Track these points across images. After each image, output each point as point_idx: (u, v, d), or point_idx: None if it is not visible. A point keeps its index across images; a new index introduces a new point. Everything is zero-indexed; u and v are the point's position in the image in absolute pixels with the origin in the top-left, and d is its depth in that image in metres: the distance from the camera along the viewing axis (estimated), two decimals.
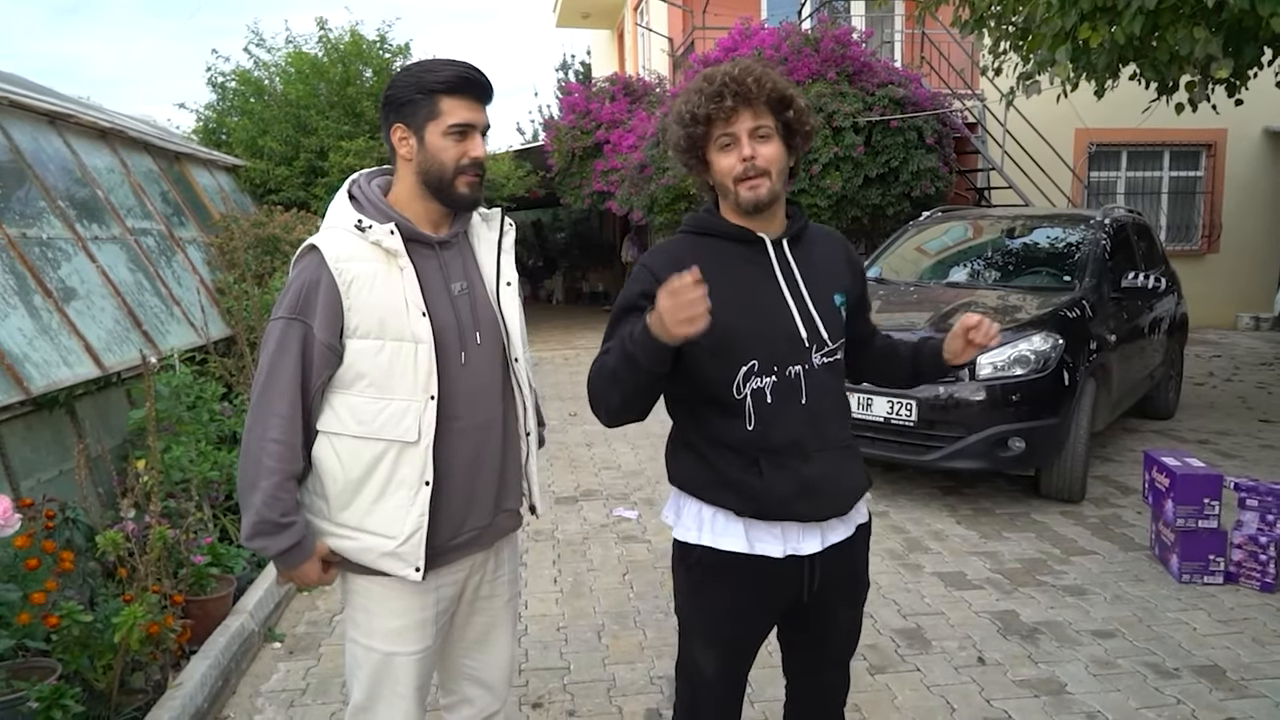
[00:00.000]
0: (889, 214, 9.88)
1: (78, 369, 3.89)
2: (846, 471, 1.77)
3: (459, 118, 1.68)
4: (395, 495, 1.70)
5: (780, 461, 1.69)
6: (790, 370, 1.71)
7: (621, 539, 4.47)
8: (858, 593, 1.91)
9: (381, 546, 1.72)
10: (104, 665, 2.73)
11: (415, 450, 1.69)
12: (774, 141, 1.70)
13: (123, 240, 5.24)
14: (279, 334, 1.67)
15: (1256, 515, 3.75)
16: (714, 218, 1.79)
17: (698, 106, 1.68)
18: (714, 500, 1.74)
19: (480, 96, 1.71)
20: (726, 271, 1.71)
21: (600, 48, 20.60)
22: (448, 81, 1.67)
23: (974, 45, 9.74)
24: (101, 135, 5.87)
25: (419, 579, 1.73)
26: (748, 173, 1.68)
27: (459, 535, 1.79)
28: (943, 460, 4.69)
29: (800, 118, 1.71)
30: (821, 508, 1.72)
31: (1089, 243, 5.74)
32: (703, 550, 1.76)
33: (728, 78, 1.66)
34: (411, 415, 1.68)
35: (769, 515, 1.70)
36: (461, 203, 1.74)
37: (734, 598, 1.76)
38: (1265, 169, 12.69)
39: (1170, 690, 2.97)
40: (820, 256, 1.83)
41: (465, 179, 1.70)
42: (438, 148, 1.68)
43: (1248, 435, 6.40)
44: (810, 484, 1.70)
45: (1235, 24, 5.19)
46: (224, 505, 4.03)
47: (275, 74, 10.75)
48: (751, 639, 1.83)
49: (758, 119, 1.67)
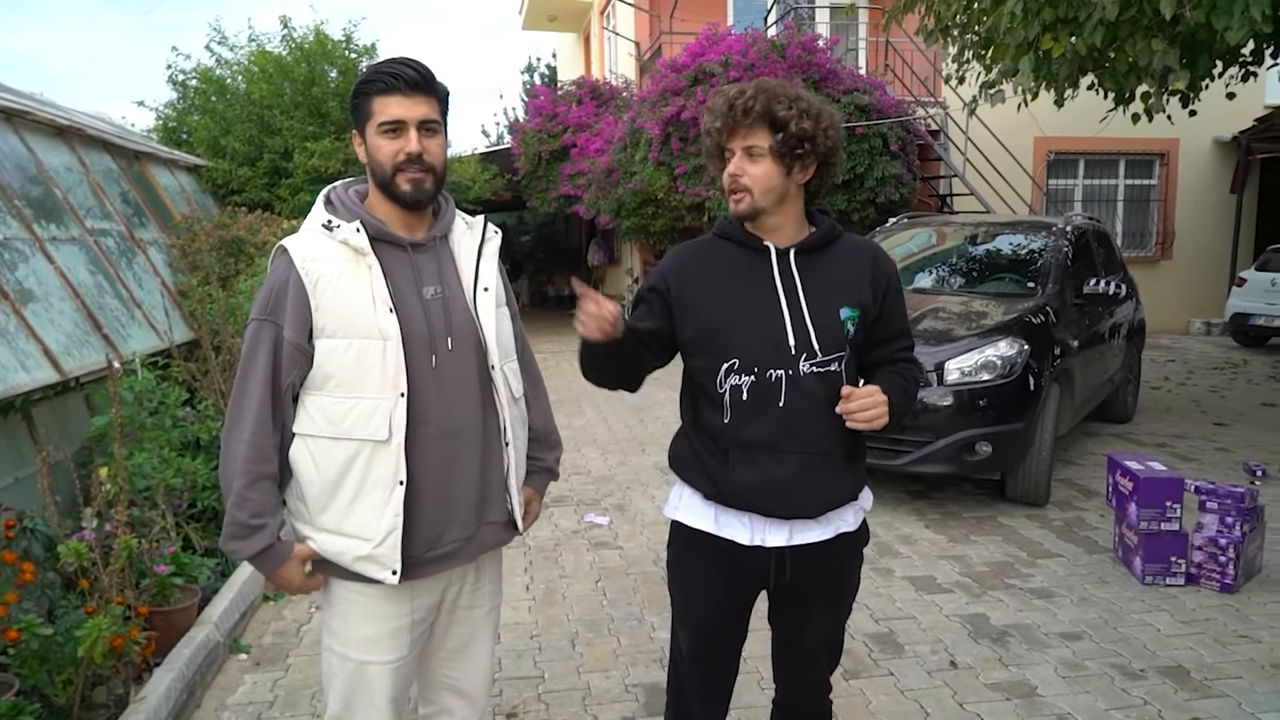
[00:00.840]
0: (854, 220, 9.98)
1: (35, 374, 3.78)
2: (821, 478, 1.81)
3: (388, 114, 1.68)
4: (370, 496, 1.69)
5: (748, 456, 1.79)
6: (771, 374, 1.77)
7: (593, 545, 4.46)
8: (839, 597, 1.96)
9: (358, 549, 1.71)
10: (64, 680, 2.66)
11: (387, 449, 1.68)
12: (764, 161, 1.76)
13: (82, 241, 5.11)
14: (251, 335, 1.70)
15: (1216, 518, 3.84)
16: (734, 225, 1.88)
17: (708, 121, 1.81)
18: (689, 480, 1.89)
19: (413, 91, 1.68)
20: (728, 274, 1.84)
21: (566, 51, 20.57)
22: (377, 81, 1.69)
23: (938, 54, 9.90)
24: (59, 133, 5.72)
25: (395, 582, 1.71)
26: (732, 187, 1.80)
27: (439, 546, 1.77)
28: (911, 465, 4.75)
29: (797, 137, 1.74)
30: (785, 506, 1.79)
31: (1051, 249, 5.85)
32: (678, 526, 1.93)
33: (727, 99, 1.77)
34: (381, 413, 1.67)
35: (730, 503, 1.82)
36: (405, 200, 1.72)
37: (701, 574, 1.90)
38: (1215, 178, 13.06)
39: (1137, 691, 3.03)
40: (839, 269, 1.86)
41: (405, 175, 1.69)
42: (375, 146, 1.70)
43: (1203, 438, 6.57)
44: (775, 482, 1.78)
45: (1190, 36, 5.34)
46: (187, 514, 3.94)
47: (238, 73, 10.56)
48: (721, 621, 1.93)
49: (747, 139, 1.76)
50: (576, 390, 8.52)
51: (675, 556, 1.97)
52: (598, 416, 7.36)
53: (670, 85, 10.13)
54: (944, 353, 4.75)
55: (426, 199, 1.74)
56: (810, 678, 2.01)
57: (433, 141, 1.71)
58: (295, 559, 1.73)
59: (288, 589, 1.76)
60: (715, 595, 1.90)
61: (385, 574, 1.70)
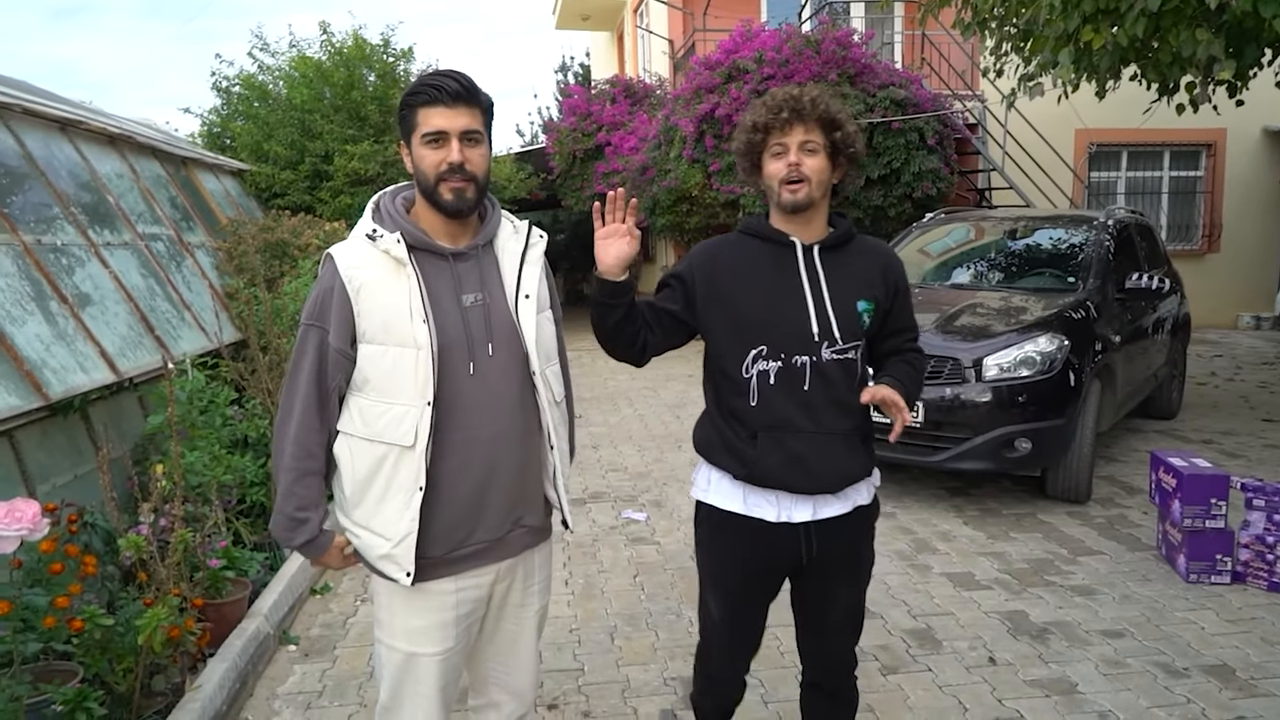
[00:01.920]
0: (890, 215, 9.91)
1: (94, 374, 3.92)
2: (839, 456, 1.97)
3: (431, 125, 1.73)
4: (395, 498, 1.75)
5: (775, 436, 1.94)
6: (796, 360, 1.94)
7: (631, 541, 4.50)
8: (858, 571, 2.11)
9: (380, 547, 1.78)
10: (125, 668, 2.76)
11: (412, 455, 1.73)
12: (820, 156, 1.93)
13: (134, 246, 5.27)
14: (300, 338, 1.78)
15: (1263, 515, 3.78)
16: (760, 222, 2.04)
17: (760, 117, 1.95)
18: (718, 463, 2.02)
19: (455, 102, 1.73)
20: (756, 267, 1.98)
21: (600, 50, 20.64)
22: (421, 94, 1.74)
23: (975, 47, 9.79)
24: (110, 141, 5.90)
25: (408, 584, 1.76)
26: (790, 176, 1.92)
27: (465, 545, 1.81)
28: (949, 461, 4.72)
29: (847, 139, 1.94)
30: (808, 482, 1.94)
31: (1092, 244, 5.78)
32: (709, 508, 2.05)
33: (788, 96, 1.93)
34: (410, 420, 1.72)
35: (759, 482, 1.96)
36: (447, 208, 1.76)
37: (733, 551, 2.04)
38: (1264, 168, 12.73)
39: (1180, 690, 3.00)
40: (858, 265, 2.02)
41: (447, 185, 1.73)
42: (419, 157, 1.74)
43: (1251, 435, 6.43)
44: (799, 459, 1.93)
45: (1237, 25, 5.23)
46: (236, 509, 4.06)
47: (279, 78, 10.78)
48: (751, 591, 2.08)
49: (808, 134, 1.91)
50: (612, 388, 8.58)
51: (706, 536, 2.10)
52: (634, 414, 7.41)
53: (704, 82, 10.14)
54: (983, 349, 4.72)
55: (468, 208, 1.78)
56: (838, 651, 2.14)
57: (475, 151, 1.75)
58: (335, 548, 1.85)
59: (328, 568, 1.92)
60: (744, 570, 2.05)
61: (400, 574, 1.77)
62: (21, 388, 3.42)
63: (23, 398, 3.39)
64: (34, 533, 2.20)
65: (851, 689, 2.19)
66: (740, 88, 9.86)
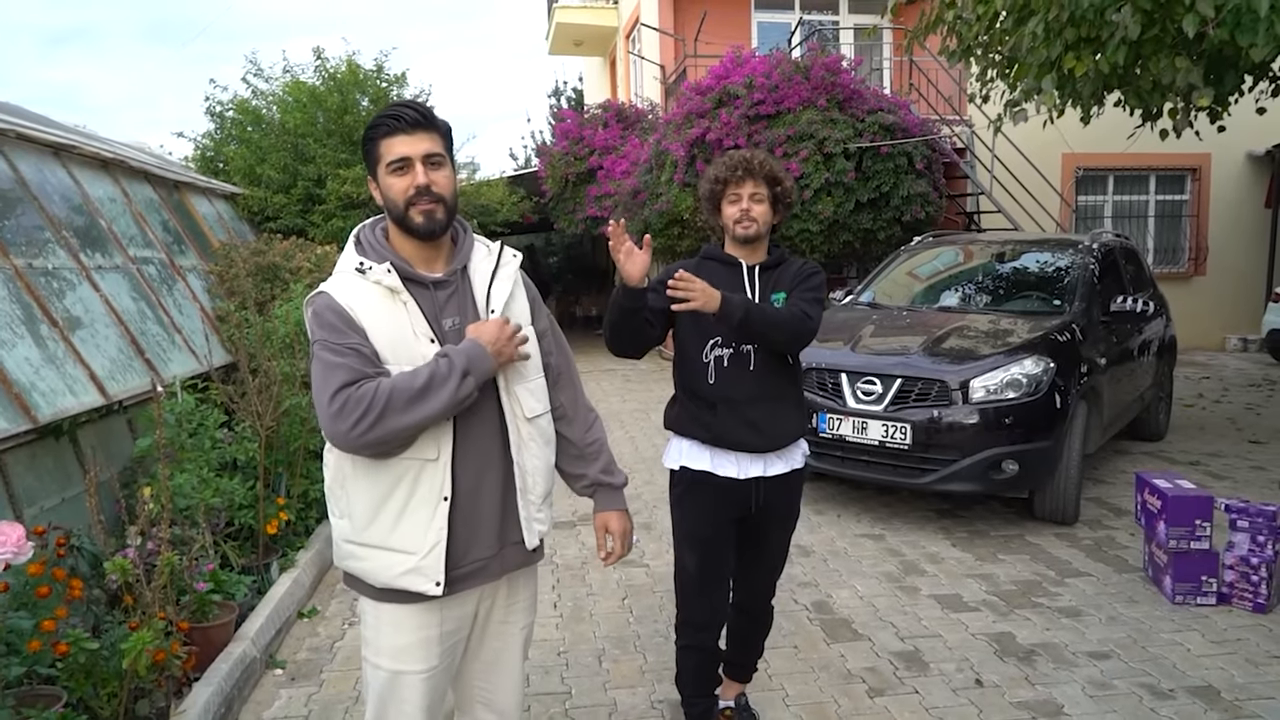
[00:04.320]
0: (880, 238, 9.99)
1: (83, 397, 3.93)
2: (781, 418, 2.56)
3: (394, 153, 1.78)
4: (417, 512, 1.77)
5: (731, 407, 2.49)
6: (743, 347, 2.51)
7: (620, 564, 4.49)
8: (789, 519, 2.72)
9: (403, 564, 1.78)
10: (109, 693, 2.75)
11: (435, 466, 1.76)
12: (764, 204, 2.57)
13: (125, 269, 5.29)
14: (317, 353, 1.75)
15: (1247, 536, 3.81)
16: (718, 250, 2.68)
17: (720, 172, 2.57)
18: (687, 433, 2.57)
19: (414, 129, 1.78)
20: (714, 281, 2.45)
21: (593, 74, 20.82)
22: (381, 126, 1.79)
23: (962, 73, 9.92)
24: (104, 165, 5.93)
25: (440, 593, 1.78)
26: (742, 219, 2.55)
27: (461, 565, 1.83)
28: (937, 483, 4.75)
29: (785, 193, 2.59)
30: (761, 440, 2.51)
31: (1078, 267, 5.84)
32: (683, 471, 2.57)
33: (742, 158, 2.55)
34: (430, 435, 1.76)
35: (723, 443, 2.51)
36: (419, 231, 1.80)
37: (704, 504, 2.56)
38: (1248, 192, 12.89)
39: (1166, 711, 3.01)
40: (784, 277, 2.62)
41: (417, 208, 1.78)
42: (387, 186, 1.80)
43: (1238, 456, 6.48)
44: (751, 423, 2.50)
45: (1216, 53, 5.33)
46: (224, 532, 4.05)
47: (273, 103, 10.84)
48: (718, 540, 2.58)
49: (756, 187, 2.55)
50: (604, 411, 8.60)
51: (680, 495, 2.60)
52: (625, 435, 7.42)
53: (695, 108, 10.24)
54: (969, 371, 4.76)
55: (440, 228, 1.82)
56: (768, 581, 2.78)
57: (439, 173, 1.80)
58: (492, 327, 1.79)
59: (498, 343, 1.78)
60: (714, 520, 2.56)
61: (429, 585, 1.78)
62: (10, 410, 3.42)
63: (11, 420, 3.39)
64: (19, 556, 2.20)
65: (768, 613, 2.84)
66: (731, 113, 9.96)
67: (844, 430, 4.94)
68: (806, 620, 3.79)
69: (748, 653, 2.88)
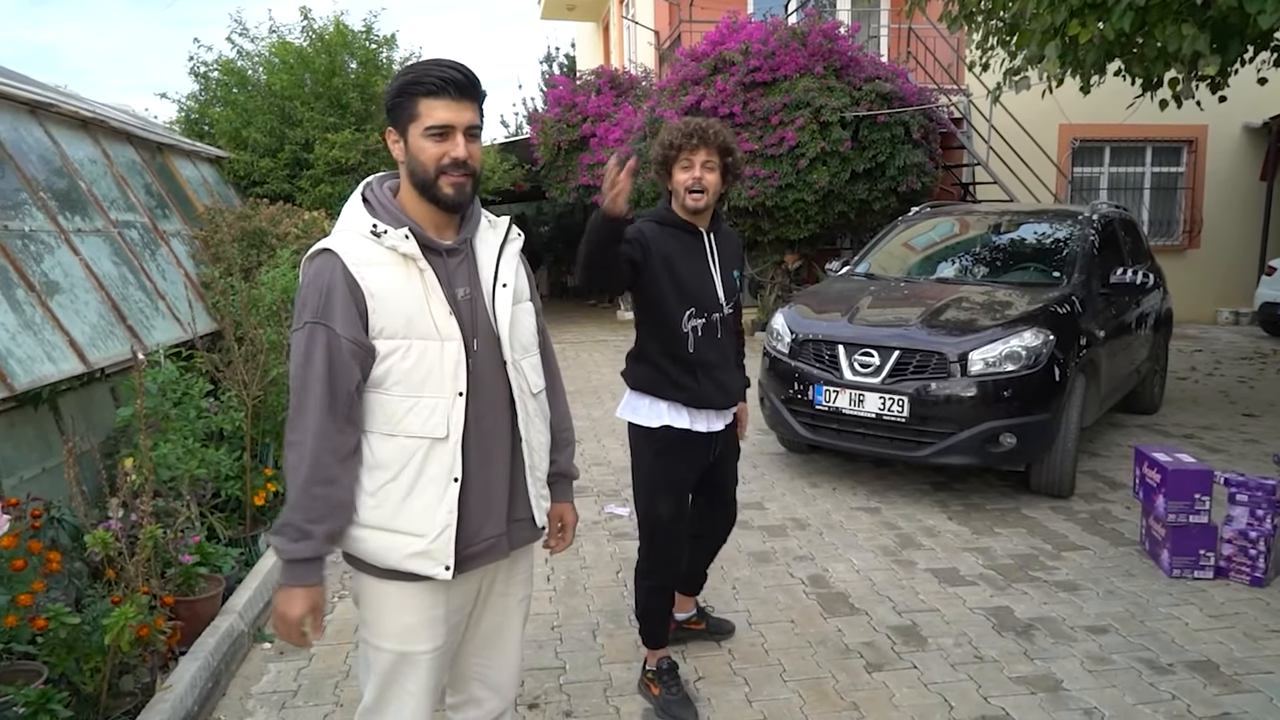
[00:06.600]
0: (875, 209, 9.90)
1: (62, 365, 3.82)
2: (736, 378, 2.91)
3: (436, 119, 1.68)
4: (425, 493, 1.70)
5: (707, 372, 2.74)
6: (713, 316, 2.76)
7: (614, 536, 4.45)
8: (736, 452, 3.09)
9: (411, 546, 1.71)
10: (91, 668, 2.69)
11: (445, 446, 1.70)
12: (715, 173, 2.70)
13: (106, 233, 5.15)
14: (305, 340, 1.67)
15: (1246, 510, 3.78)
16: (671, 214, 2.78)
17: (675, 138, 2.68)
18: (666, 396, 2.75)
19: (461, 96, 1.69)
20: (682, 249, 2.73)
21: (585, 40, 20.50)
22: (425, 83, 1.67)
23: (960, 41, 9.77)
24: (83, 125, 5.76)
25: (449, 578, 1.72)
26: (693, 187, 2.68)
27: (474, 543, 1.77)
28: (934, 456, 4.70)
29: (735, 164, 2.75)
30: (727, 399, 2.82)
31: (1077, 239, 5.77)
32: (665, 429, 2.75)
33: (698, 126, 2.67)
34: (440, 412, 1.69)
35: (700, 405, 2.76)
36: (446, 203, 1.72)
37: (685, 458, 2.81)
38: (1244, 165, 12.83)
39: (1165, 686, 2.99)
40: (728, 246, 2.87)
41: (448, 179, 1.69)
42: (418, 148, 1.69)
43: (1231, 430, 6.47)
44: (721, 385, 2.79)
45: (1221, 21, 5.22)
46: (211, 503, 3.97)
47: (259, 64, 10.58)
48: (688, 486, 2.88)
49: (709, 155, 2.67)
50: (596, 382, 8.52)
51: (661, 450, 2.78)
52: (617, 407, 7.34)
53: (690, 74, 10.07)
54: (968, 343, 4.70)
55: (467, 202, 1.75)
56: (728, 515, 3.13)
57: (475, 146, 1.72)
58: (314, 595, 1.69)
59: (288, 621, 1.69)
60: (689, 469, 2.85)
61: (438, 570, 1.71)
62: None
63: None
64: None
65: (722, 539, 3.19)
66: (726, 80, 9.80)
67: (840, 403, 4.88)
68: (803, 594, 3.75)
69: (703, 569, 3.28)
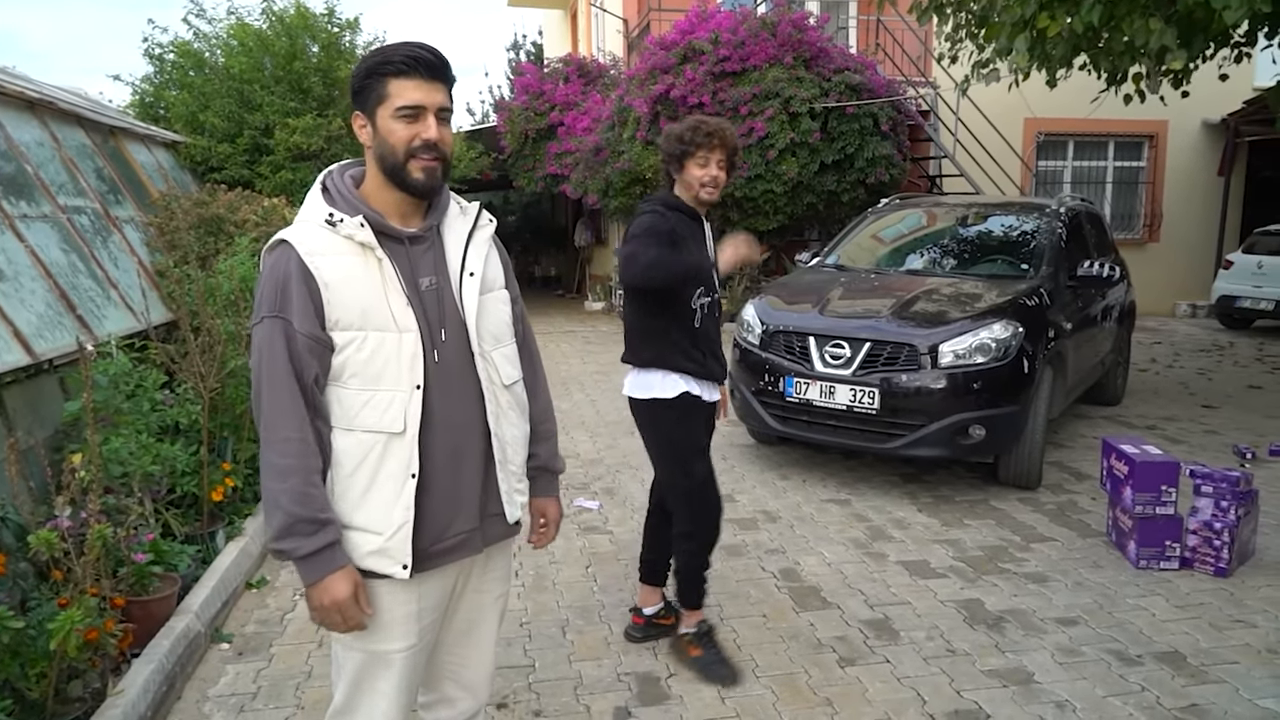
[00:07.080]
0: (844, 200, 9.90)
1: (6, 356, 3.66)
2: (724, 358, 3.12)
3: (406, 99, 1.62)
4: (383, 489, 1.65)
5: (709, 346, 3.01)
6: (714, 295, 3.03)
7: (583, 530, 4.39)
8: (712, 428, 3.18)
9: (369, 544, 1.66)
10: (37, 673, 2.56)
11: (401, 441, 1.64)
12: (724, 170, 2.94)
13: (54, 219, 4.95)
14: (264, 335, 1.61)
15: (1211, 501, 3.82)
16: (677, 200, 2.98)
17: (695, 137, 2.87)
18: (678, 368, 2.95)
19: (432, 77, 1.63)
20: (691, 233, 2.96)
21: (553, 28, 20.30)
22: (394, 63, 1.62)
23: (929, 33, 9.79)
24: (29, 106, 5.54)
25: (406, 577, 1.66)
26: (710, 185, 2.92)
27: (444, 539, 1.72)
28: (904, 448, 4.70)
29: (737, 163, 3.00)
30: (723, 374, 3.08)
31: (1045, 231, 5.80)
32: (683, 396, 2.95)
33: (718, 128, 2.89)
34: (397, 406, 1.64)
35: (705, 377, 3.00)
36: (416, 188, 1.66)
37: (699, 421, 3.04)
38: (1203, 160, 13.06)
39: (1134, 678, 3.00)
40: (712, 234, 3.13)
41: (418, 163, 1.64)
42: (387, 130, 1.63)
43: (1192, 420, 6.57)
44: (718, 357, 3.05)
45: (1188, 16, 5.27)
46: (166, 500, 3.83)
47: (217, 46, 10.30)
48: (708, 447, 3.10)
49: (722, 155, 2.91)
50: (564, 373, 8.44)
51: (679, 417, 2.97)
52: (586, 399, 7.28)
53: (659, 63, 9.99)
54: (938, 335, 4.70)
55: (438, 187, 1.69)
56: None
57: (446, 130, 1.67)
58: (351, 572, 1.62)
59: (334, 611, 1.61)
60: (705, 432, 3.09)
61: (396, 568, 1.66)
62: None
63: None
64: None
65: None
66: (696, 69, 9.73)
67: (811, 394, 4.85)
68: (775, 588, 3.72)
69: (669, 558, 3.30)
